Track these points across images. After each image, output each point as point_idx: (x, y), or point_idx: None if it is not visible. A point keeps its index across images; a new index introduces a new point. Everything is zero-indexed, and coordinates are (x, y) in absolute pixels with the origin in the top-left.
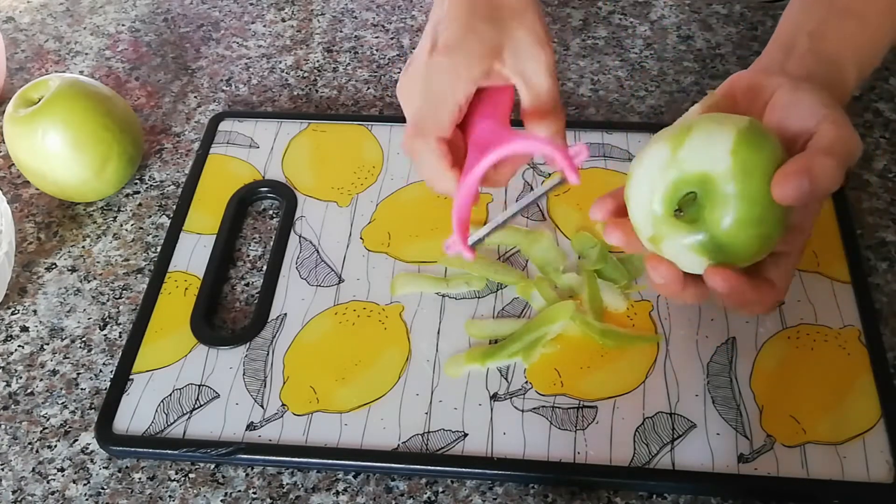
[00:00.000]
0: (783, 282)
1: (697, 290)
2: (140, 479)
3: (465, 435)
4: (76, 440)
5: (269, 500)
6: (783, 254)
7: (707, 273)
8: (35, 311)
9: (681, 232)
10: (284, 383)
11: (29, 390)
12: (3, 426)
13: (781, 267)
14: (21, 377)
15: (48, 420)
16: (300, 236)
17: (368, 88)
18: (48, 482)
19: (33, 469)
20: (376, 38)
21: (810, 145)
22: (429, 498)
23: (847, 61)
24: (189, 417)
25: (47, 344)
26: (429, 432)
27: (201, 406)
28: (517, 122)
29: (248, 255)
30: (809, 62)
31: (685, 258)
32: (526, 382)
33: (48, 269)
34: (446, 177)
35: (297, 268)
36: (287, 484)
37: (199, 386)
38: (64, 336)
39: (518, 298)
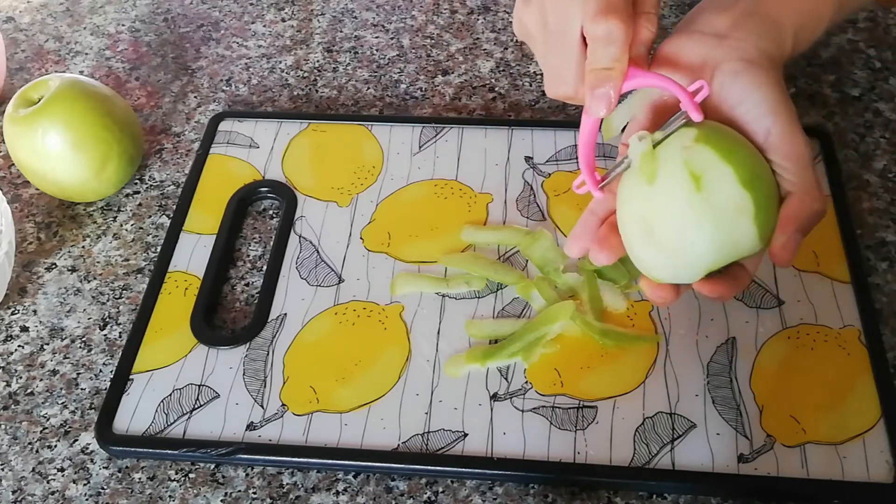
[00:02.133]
0: (754, 263)
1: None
2: (140, 479)
3: (465, 435)
4: (76, 440)
5: (269, 500)
6: None
7: (697, 287)
8: (35, 311)
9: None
10: (284, 383)
11: (29, 390)
12: (3, 426)
13: None
14: (21, 377)
15: (48, 420)
16: (300, 236)
17: (368, 88)
18: (48, 482)
19: (33, 469)
20: (376, 38)
21: (785, 205)
22: (429, 498)
23: (786, 22)
24: (189, 417)
25: (47, 344)
26: (429, 432)
27: (201, 406)
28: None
29: (248, 255)
30: (745, 20)
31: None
32: (526, 382)
33: (48, 269)
34: (622, 65)
35: (297, 268)
36: (287, 484)
37: (199, 386)
38: (64, 336)
39: (518, 298)
